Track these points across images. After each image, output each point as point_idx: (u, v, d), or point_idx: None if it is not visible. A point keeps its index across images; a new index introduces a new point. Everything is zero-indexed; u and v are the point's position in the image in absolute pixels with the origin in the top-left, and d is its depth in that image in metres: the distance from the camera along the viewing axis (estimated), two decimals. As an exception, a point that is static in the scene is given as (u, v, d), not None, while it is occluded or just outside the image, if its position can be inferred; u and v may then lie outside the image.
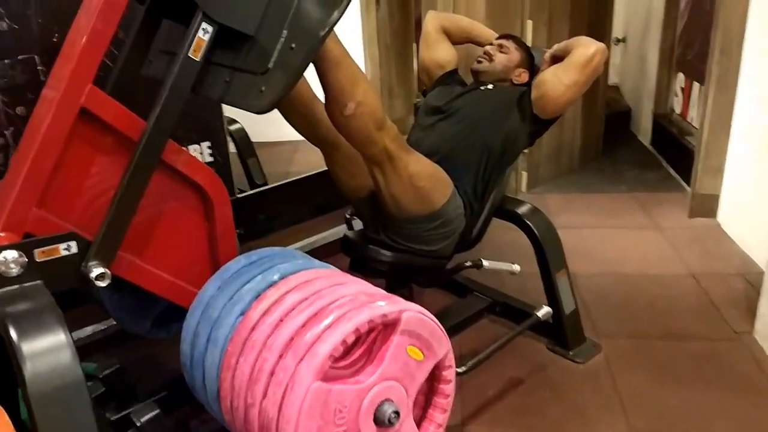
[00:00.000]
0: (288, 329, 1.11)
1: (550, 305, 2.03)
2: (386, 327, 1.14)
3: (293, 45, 1.24)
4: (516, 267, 1.91)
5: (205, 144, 2.41)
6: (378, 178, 1.61)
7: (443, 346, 1.21)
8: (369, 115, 1.47)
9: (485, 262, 1.83)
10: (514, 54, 2.02)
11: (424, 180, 1.63)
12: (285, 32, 1.24)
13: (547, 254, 1.99)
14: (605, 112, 3.92)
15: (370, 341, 1.16)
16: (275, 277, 1.23)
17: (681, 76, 3.69)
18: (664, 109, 3.89)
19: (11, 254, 1.13)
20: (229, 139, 3.08)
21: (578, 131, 3.67)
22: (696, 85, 3.44)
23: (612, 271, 2.57)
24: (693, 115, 3.49)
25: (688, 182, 3.21)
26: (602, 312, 2.28)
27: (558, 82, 1.83)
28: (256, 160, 3.13)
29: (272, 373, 1.08)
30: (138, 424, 1.35)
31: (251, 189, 3.01)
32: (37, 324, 1.08)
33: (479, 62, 2.02)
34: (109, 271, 1.22)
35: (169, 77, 1.23)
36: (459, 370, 1.70)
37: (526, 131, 1.90)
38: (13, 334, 1.06)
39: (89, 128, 1.23)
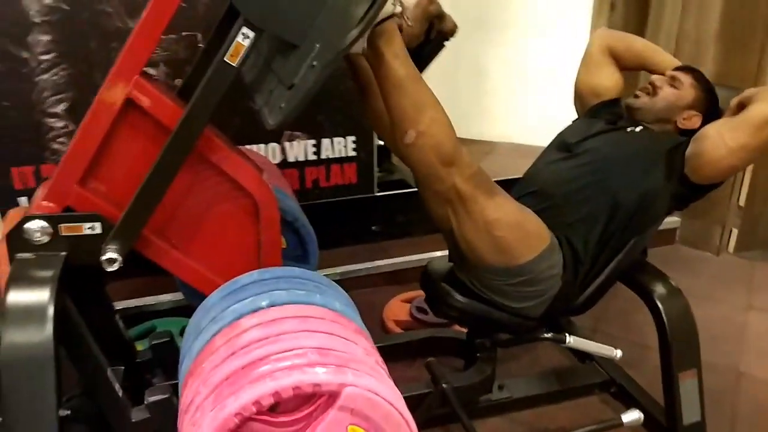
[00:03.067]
0: (229, 367, 1.01)
1: (666, 410, 1.64)
2: (329, 397, 0.99)
3: (315, 62, 1.13)
4: (617, 353, 1.56)
5: (350, 138, 2.40)
6: (450, 217, 1.41)
7: None
8: (432, 148, 1.29)
9: (570, 339, 1.52)
10: (687, 91, 1.61)
11: (504, 230, 1.39)
12: (317, 46, 1.13)
13: (673, 349, 1.58)
14: None
15: (318, 404, 1.01)
16: (263, 304, 1.14)
17: None
18: None
19: (38, 224, 1.21)
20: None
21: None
22: None
23: (795, 384, 2.00)
24: None
25: None
26: (752, 433, 1.78)
27: (720, 142, 1.43)
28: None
29: (198, 409, 1.00)
30: (146, 402, 1.38)
31: (414, 188, 2.93)
32: (32, 294, 1.14)
33: (636, 96, 1.65)
34: (120, 258, 1.24)
35: (204, 78, 1.19)
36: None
37: (669, 193, 1.52)
38: (7, 298, 1.13)
39: (134, 117, 1.25)
